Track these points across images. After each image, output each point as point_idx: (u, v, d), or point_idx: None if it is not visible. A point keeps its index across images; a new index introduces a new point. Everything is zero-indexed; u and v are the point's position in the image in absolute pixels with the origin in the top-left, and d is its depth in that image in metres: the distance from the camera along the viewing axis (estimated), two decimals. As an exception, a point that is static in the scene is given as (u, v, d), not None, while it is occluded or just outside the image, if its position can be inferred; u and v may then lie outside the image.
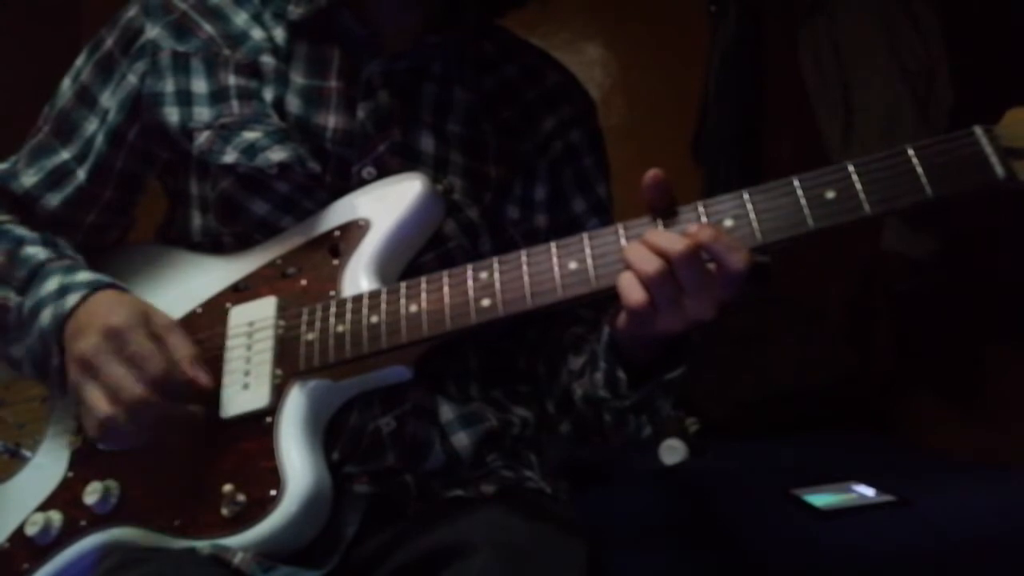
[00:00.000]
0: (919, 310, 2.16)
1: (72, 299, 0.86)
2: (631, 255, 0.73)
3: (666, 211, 0.76)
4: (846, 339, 2.28)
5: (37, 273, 0.91)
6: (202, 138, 0.93)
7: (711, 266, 0.72)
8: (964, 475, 1.55)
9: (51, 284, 0.89)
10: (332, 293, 0.89)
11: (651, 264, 0.71)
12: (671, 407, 0.88)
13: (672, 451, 1.79)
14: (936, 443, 1.94)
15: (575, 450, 1.83)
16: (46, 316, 0.86)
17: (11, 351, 0.92)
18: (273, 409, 0.84)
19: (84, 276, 0.90)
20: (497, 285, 0.79)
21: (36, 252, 0.93)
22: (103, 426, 0.80)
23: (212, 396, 0.86)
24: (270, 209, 0.93)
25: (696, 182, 2.49)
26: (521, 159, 1.01)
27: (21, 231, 0.97)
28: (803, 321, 2.18)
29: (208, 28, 0.97)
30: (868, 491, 1.38)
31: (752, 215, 0.73)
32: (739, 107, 2.48)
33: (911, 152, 0.70)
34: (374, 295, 0.84)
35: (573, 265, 0.77)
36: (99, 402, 0.80)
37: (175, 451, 0.86)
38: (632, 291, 0.72)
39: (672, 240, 0.71)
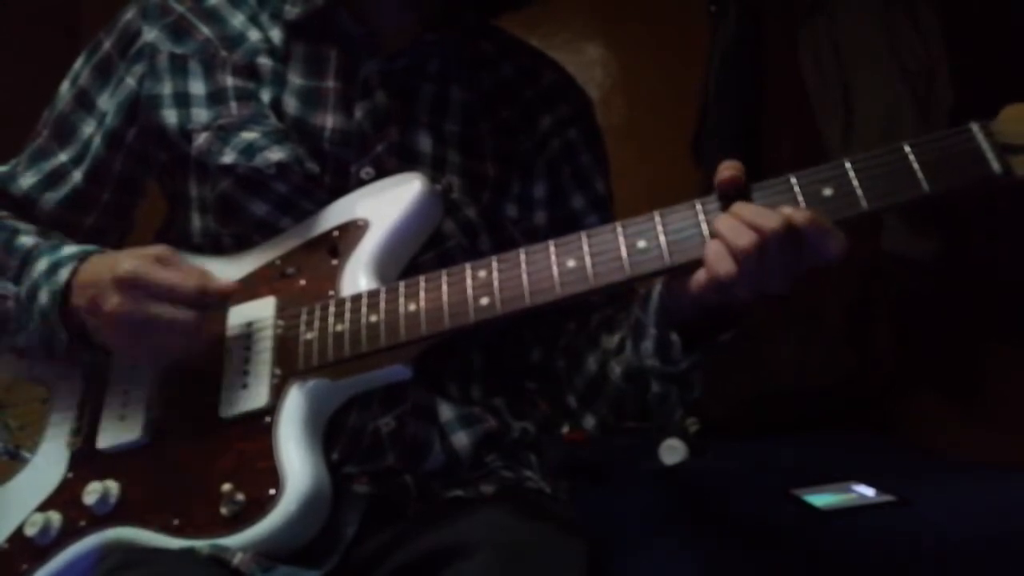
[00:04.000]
0: (919, 310, 2.16)
1: (64, 273, 0.86)
2: (723, 226, 0.73)
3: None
4: (846, 339, 2.28)
5: (27, 258, 0.91)
6: (201, 139, 0.93)
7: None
8: (964, 475, 1.55)
9: (41, 264, 0.89)
10: (331, 293, 0.89)
11: (744, 237, 0.71)
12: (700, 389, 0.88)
13: (672, 451, 1.79)
14: (936, 443, 1.93)
15: (575, 450, 1.84)
16: (43, 296, 0.87)
17: (19, 339, 0.93)
18: (272, 409, 0.84)
19: (70, 249, 0.90)
20: (495, 284, 0.79)
21: (27, 240, 0.94)
22: (172, 351, 0.85)
23: (211, 396, 0.86)
24: (269, 210, 0.94)
25: (696, 182, 2.49)
26: (519, 158, 1.01)
27: (17, 223, 0.97)
28: (803, 321, 2.18)
29: (205, 30, 0.97)
30: (868, 491, 1.38)
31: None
32: (739, 107, 2.48)
33: (908, 149, 0.70)
34: (373, 294, 0.84)
35: (571, 263, 0.77)
36: (164, 342, 0.83)
37: (174, 451, 0.86)
38: (721, 261, 0.72)
39: (767, 216, 0.71)
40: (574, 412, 0.99)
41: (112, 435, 0.90)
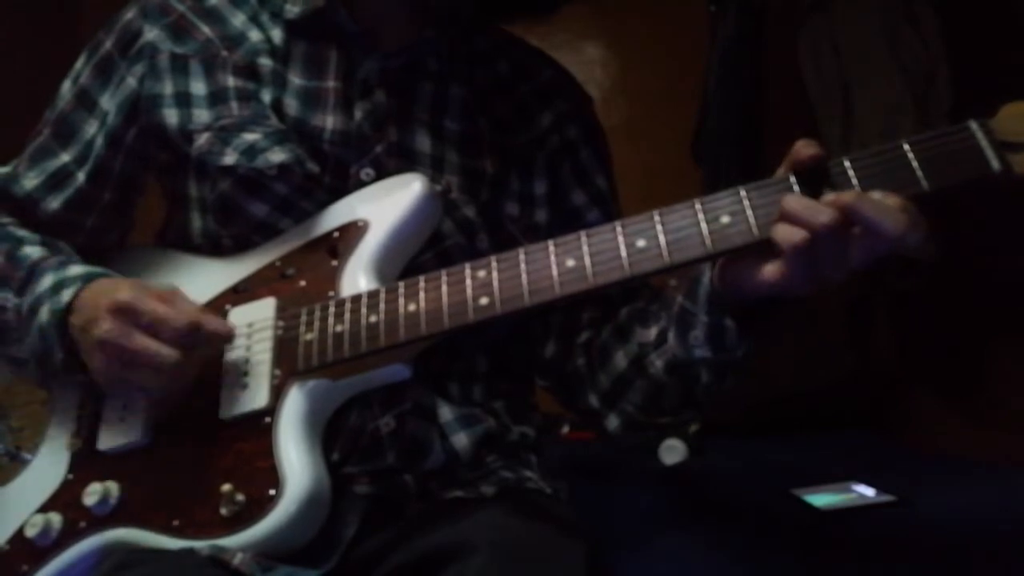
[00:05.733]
0: (919, 310, 2.16)
1: (67, 294, 0.86)
2: (798, 205, 0.69)
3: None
4: (846, 339, 2.28)
5: (33, 272, 0.91)
6: (201, 139, 0.93)
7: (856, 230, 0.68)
8: (964, 475, 1.55)
9: (46, 281, 0.89)
10: (331, 294, 0.89)
11: (824, 214, 0.67)
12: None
13: (672, 451, 1.79)
14: (936, 443, 1.93)
15: (575, 450, 1.84)
16: (44, 313, 0.87)
17: (14, 351, 0.93)
18: (272, 409, 0.84)
19: (76, 270, 0.90)
20: (495, 283, 0.79)
21: (32, 251, 0.93)
22: (150, 387, 0.83)
23: (211, 397, 0.86)
24: (269, 210, 0.94)
25: (696, 182, 2.49)
26: (518, 155, 1.01)
27: (21, 232, 0.97)
28: (802, 321, 2.18)
29: (206, 30, 0.97)
30: (868, 491, 1.38)
31: (748, 211, 0.73)
32: (739, 107, 2.48)
33: (907, 146, 0.70)
34: (373, 295, 0.84)
35: (571, 263, 0.77)
36: (140, 378, 0.82)
37: (174, 452, 0.86)
38: (794, 235, 0.68)
39: (817, 206, 0.68)
40: (595, 412, 0.97)
41: (112, 436, 0.90)
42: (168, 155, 0.99)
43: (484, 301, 0.79)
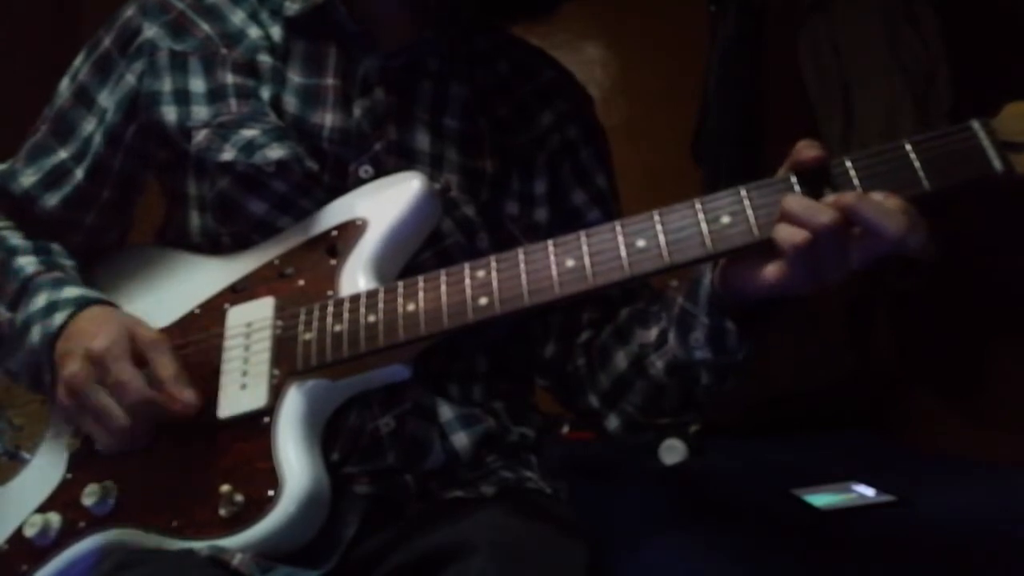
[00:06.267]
0: (919, 310, 2.16)
1: (59, 318, 0.87)
2: (798, 206, 0.69)
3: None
4: (846, 339, 2.28)
5: (26, 287, 0.92)
6: (200, 136, 0.93)
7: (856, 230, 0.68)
8: (964, 475, 1.55)
9: (39, 300, 0.90)
10: (330, 293, 0.88)
11: (825, 215, 0.67)
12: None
13: (672, 451, 1.79)
14: (936, 443, 1.93)
15: (575, 450, 1.83)
16: (35, 334, 0.88)
17: (7, 364, 0.94)
18: (271, 409, 0.84)
19: (71, 292, 0.91)
20: (494, 283, 0.79)
21: (26, 264, 0.94)
22: (98, 442, 0.86)
23: (210, 397, 0.86)
24: (268, 208, 0.93)
25: (696, 182, 2.49)
26: (518, 154, 1.01)
27: (15, 240, 0.97)
28: (802, 321, 2.18)
29: (205, 27, 0.97)
30: (868, 491, 1.38)
31: (749, 211, 0.73)
32: (739, 107, 2.48)
33: (908, 146, 0.69)
34: (372, 295, 0.84)
35: (570, 263, 0.77)
36: (89, 427, 0.85)
37: (173, 452, 0.86)
38: (795, 235, 0.68)
39: (818, 207, 0.68)
40: (595, 412, 0.97)
41: (111, 436, 0.89)
42: (167, 152, 0.98)
43: (483, 301, 0.79)
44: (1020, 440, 1.74)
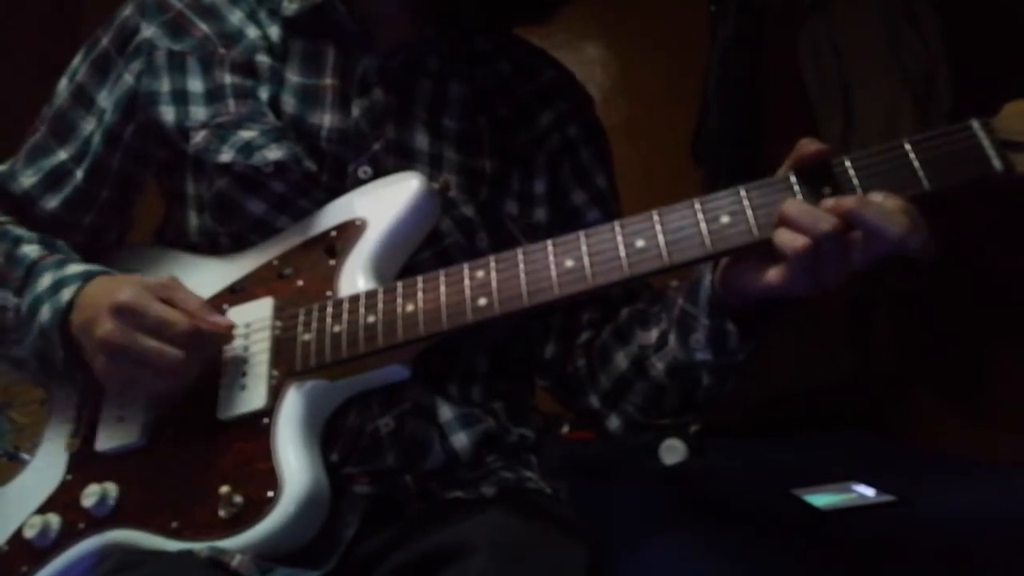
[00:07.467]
0: (919, 310, 2.16)
1: (67, 293, 0.86)
2: (797, 211, 0.69)
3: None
4: (846, 339, 2.28)
5: (31, 271, 0.91)
6: (198, 137, 0.93)
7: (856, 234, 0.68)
8: (964, 475, 1.55)
9: (45, 280, 0.89)
10: (329, 293, 0.88)
11: (825, 222, 0.67)
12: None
13: (672, 451, 1.78)
14: (936, 443, 1.93)
15: (575, 450, 1.83)
16: (45, 312, 0.87)
17: (14, 352, 0.93)
18: (270, 410, 0.84)
19: (75, 268, 0.90)
20: (494, 284, 0.79)
21: (30, 250, 0.93)
22: (154, 388, 0.85)
23: (209, 398, 0.86)
24: (266, 209, 0.93)
25: (696, 182, 2.49)
26: (517, 154, 1.01)
27: (18, 231, 0.97)
28: (802, 321, 2.18)
29: (203, 27, 0.97)
30: (868, 491, 1.37)
31: (748, 210, 0.73)
32: (739, 107, 2.48)
33: (908, 146, 0.69)
34: (371, 295, 0.84)
35: (570, 263, 0.77)
36: (142, 376, 0.83)
37: (172, 453, 0.86)
38: (795, 240, 0.68)
39: (818, 213, 0.68)
40: (596, 412, 0.97)
41: (111, 437, 0.89)
42: (166, 152, 0.98)
43: (483, 302, 0.79)
44: (1020, 440, 1.74)
